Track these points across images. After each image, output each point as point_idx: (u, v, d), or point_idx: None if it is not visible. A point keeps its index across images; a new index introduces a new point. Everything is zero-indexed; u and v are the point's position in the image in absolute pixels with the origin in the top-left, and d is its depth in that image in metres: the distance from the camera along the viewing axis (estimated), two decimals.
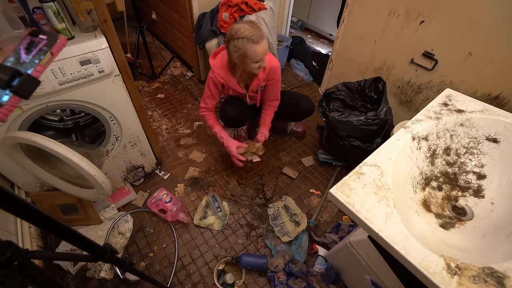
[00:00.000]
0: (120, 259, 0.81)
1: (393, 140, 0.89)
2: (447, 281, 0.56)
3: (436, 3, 1.60)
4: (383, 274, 1.03)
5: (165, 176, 1.96)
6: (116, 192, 1.77)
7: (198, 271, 1.50)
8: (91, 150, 1.47)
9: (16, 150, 1.18)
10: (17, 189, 1.47)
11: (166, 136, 2.27)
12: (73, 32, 1.17)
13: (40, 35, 0.53)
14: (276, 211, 1.74)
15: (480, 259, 0.62)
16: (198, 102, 2.62)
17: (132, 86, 1.45)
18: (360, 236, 1.10)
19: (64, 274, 1.45)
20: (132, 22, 3.00)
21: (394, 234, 0.64)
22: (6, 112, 0.47)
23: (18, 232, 1.32)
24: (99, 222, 1.61)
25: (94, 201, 1.59)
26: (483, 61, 1.55)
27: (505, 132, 0.91)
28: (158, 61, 3.19)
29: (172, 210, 1.63)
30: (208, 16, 2.20)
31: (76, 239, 0.61)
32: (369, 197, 0.73)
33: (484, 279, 0.56)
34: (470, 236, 0.77)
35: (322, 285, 1.40)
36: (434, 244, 0.70)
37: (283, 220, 1.68)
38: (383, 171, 0.79)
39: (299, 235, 1.61)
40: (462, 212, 0.85)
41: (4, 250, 0.48)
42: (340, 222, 1.68)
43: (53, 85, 1.14)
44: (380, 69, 2.12)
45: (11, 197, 0.45)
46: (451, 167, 0.94)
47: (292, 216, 1.69)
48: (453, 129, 0.96)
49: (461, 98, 1.05)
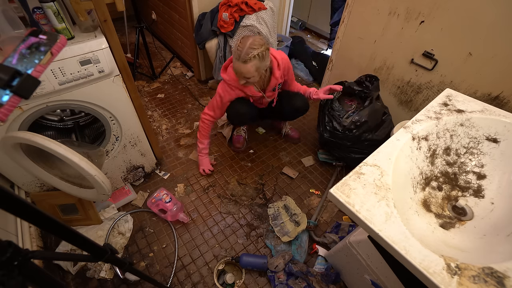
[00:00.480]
0: (120, 259, 0.81)
1: (393, 140, 0.89)
2: (447, 281, 0.56)
3: (436, 3, 1.60)
4: (383, 274, 1.03)
5: (165, 176, 1.96)
6: (116, 192, 1.78)
7: (198, 271, 1.50)
8: (91, 150, 1.47)
9: (16, 150, 1.18)
10: (17, 189, 1.47)
11: (166, 136, 2.27)
12: (73, 32, 1.17)
13: (40, 35, 0.53)
14: (276, 211, 1.74)
15: (480, 259, 0.62)
16: (198, 102, 2.62)
17: (132, 86, 1.45)
18: (360, 236, 1.10)
19: (64, 274, 1.45)
20: (132, 22, 3.00)
21: (394, 234, 0.64)
22: (6, 112, 0.47)
23: (18, 232, 1.32)
24: (99, 222, 1.61)
25: (94, 201, 1.59)
26: (483, 61, 1.55)
27: (505, 132, 0.91)
28: (158, 61, 3.19)
29: (172, 210, 1.63)
30: (208, 16, 2.20)
31: (76, 239, 0.61)
32: (369, 197, 0.73)
33: (484, 279, 0.56)
34: (470, 236, 0.77)
35: (322, 285, 1.40)
36: (434, 244, 0.70)
37: (283, 220, 1.67)
38: (383, 171, 0.79)
39: (299, 235, 1.61)
40: (462, 212, 0.85)
41: (4, 250, 0.48)
42: (340, 222, 1.68)
43: (53, 85, 1.14)
44: (380, 69, 2.12)
45: (11, 197, 0.45)
46: (451, 167, 0.94)
47: (292, 216, 1.68)
48: (453, 129, 0.96)
49: (461, 98, 1.05)
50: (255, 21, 2.08)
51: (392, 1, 1.81)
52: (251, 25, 2.06)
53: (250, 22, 2.07)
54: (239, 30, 2.08)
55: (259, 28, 2.08)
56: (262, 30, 2.10)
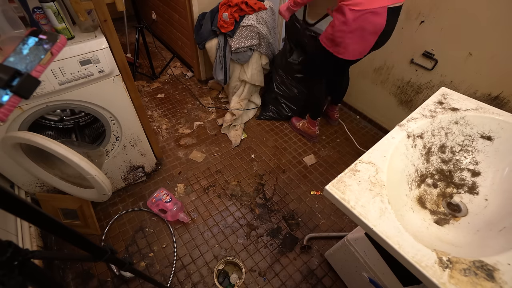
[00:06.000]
0: (120, 259, 0.82)
1: (388, 138, 0.90)
2: (438, 274, 0.57)
3: (436, 3, 1.61)
4: (380, 271, 1.04)
5: (165, 176, 1.97)
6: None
7: (198, 271, 1.51)
8: (91, 150, 1.48)
9: (16, 150, 1.19)
10: (17, 189, 1.48)
11: (166, 136, 2.28)
12: (73, 32, 1.18)
13: (40, 35, 0.54)
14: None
15: (472, 253, 0.63)
16: (199, 102, 2.64)
17: (132, 86, 1.46)
18: (358, 233, 1.11)
19: (64, 274, 1.46)
20: (132, 22, 3.02)
21: (388, 229, 0.65)
22: (6, 112, 0.47)
23: (18, 232, 1.33)
24: (98, 232, 1.62)
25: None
26: (483, 61, 1.55)
27: (499, 130, 0.92)
28: (158, 61, 3.21)
29: (172, 210, 1.64)
30: (208, 16, 2.21)
31: (76, 239, 0.61)
32: (364, 193, 0.74)
33: (474, 272, 0.57)
34: (464, 231, 0.78)
35: None
36: (428, 240, 0.71)
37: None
38: (378, 168, 0.80)
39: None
40: (456, 209, 0.86)
41: (4, 250, 0.48)
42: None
43: (53, 85, 1.15)
44: (380, 69, 2.13)
45: (11, 197, 0.45)
46: (446, 165, 0.95)
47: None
48: (448, 127, 0.97)
49: (456, 96, 1.06)
50: (255, 21, 2.09)
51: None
52: (251, 25, 2.07)
53: (250, 22, 2.07)
54: (239, 30, 2.09)
55: (259, 28, 2.09)
56: (262, 30, 2.11)
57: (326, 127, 2.43)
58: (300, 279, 1.50)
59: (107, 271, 1.47)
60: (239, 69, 2.27)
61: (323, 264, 1.56)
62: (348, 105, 2.60)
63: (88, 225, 1.59)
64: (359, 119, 2.53)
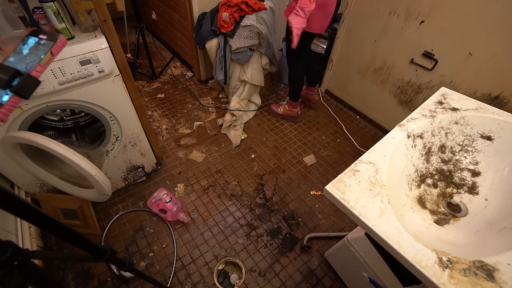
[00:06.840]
0: (120, 259, 0.82)
1: (388, 138, 0.90)
2: (438, 274, 0.57)
3: (436, 3, 1.61)
4: (380, 271, 1.04)
5: (165, 176, 1.97)
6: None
7: (198, 271, 1.51)
8: (91, 150, 1.48)
9: (16, 150, 1.19)
10: (17, 189, 1.48)
11: (166, 136, 2.28)
12: (73, 32, 1.18)
13: (40, 35, 0.54)
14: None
15: (472, 253, 0.63)
16: (199, 102, 2.63)
17: (132, 86, 1.46)
18: (358, 233, 1.11)
19: (64, 274, 1.46)
20: (132, 22, 3.02)
21: (388, 229, 0.65)
22: (6, 112, 0.47)
23: (18, 232, 1.33)
24: (98, 232, 1.62)
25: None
26: (483, 61, 1.55)
27: (499, 130, 0.92)
28: (158, 61, 3.21)
29: (172, 210, 1.64)
30: (208, 16, 2.21)
31: (76, 239, 0.61)
32: (364, 193, 0.74)
33: (474, 272, 0.57)
34: (464, 231, 0.78)
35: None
36: (428, 240, 0.71)
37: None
38: (378, 168, 0.80)
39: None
40: (456, 209, 0.86)
41: (4, 250, 0.48)
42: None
43: (53, 85, 1.15)
44: (380, 69, 2.13)
45: (11, 197, 0.45)
46: (446, 165, 0.95)
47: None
48: (448, 127, 0.97)
49: (456, 96, 1.06)
50: (255, 21, 2.09)
51: (392, 1, 1.82)
52: (251, 25, 2.07)
53: (250, 22, 2.07)
54: (239, 30, 2.09)
55: (259, 28, 2.09)
56: (262, 30, 2.11)
57: (326, 126, 2.43)
58: (300, 279, 1.50)
59: (107, 271, 1.47)
60: (239, 69, 2.27)
61: (323, 264, 1.56)
62: (348, 105, 2.60)
63: (88, 225, 1.59)
64: (359, 119, 2.53)
